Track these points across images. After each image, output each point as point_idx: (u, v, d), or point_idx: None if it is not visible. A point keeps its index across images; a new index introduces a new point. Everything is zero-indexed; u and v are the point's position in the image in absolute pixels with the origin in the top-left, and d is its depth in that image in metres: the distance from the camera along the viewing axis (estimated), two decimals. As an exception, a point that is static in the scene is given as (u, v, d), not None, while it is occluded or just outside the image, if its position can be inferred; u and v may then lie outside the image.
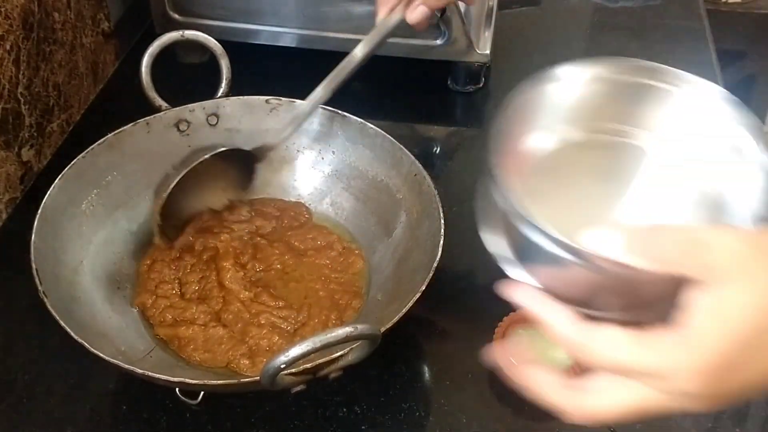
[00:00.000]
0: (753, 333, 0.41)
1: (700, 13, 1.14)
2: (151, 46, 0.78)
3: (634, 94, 0.55)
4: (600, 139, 0.55)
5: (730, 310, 0.41)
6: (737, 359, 0.41)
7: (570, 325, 0.44)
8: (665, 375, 0.42)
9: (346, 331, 0.54)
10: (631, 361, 0.42)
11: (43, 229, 0.67)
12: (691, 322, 0.42)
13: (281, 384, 0.56)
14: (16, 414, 0.67)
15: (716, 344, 0.41)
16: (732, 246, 0.41)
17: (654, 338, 0.42)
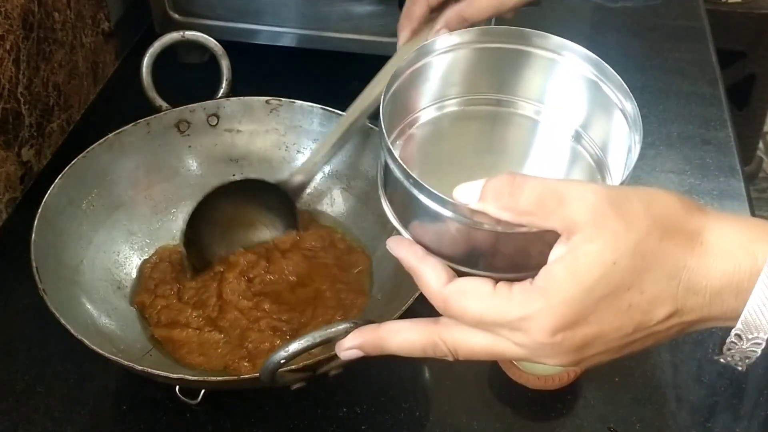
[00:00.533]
0: (602, 285, 0.42)
1: (700, 13, 1.14)
2: (152, 46, 0.78)
3: (513, 62, 0.54)
4: (484, 110, 0.56)
5: (581, 262, 0.42)
6: (586, 310, 0.43)
7: (436, 280, 0.46)
8: (517, 326, 0.44)
9: (345, 327, 0.54)
10: (484, 313, 0.44)
11: (43, 229, 0.67)
12: (544, 274, 0.43)
13: (281, 380, 0.56)
14: (16, 414, 0.67)
15: (566, 295, 0.42)
16: (587, 199, 0.43)
17: (509, 291, 0.44)
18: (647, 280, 0.43)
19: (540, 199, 0.43)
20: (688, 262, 0.43)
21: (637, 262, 0.42)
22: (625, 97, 0.52)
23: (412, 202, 0.47)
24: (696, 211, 0.44)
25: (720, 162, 0.90)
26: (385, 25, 0.94)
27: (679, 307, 0.43)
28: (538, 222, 0.43)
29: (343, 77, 0.99)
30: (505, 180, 0.44)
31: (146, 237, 0.77)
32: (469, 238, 0.46)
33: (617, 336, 0.44)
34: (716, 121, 0.96)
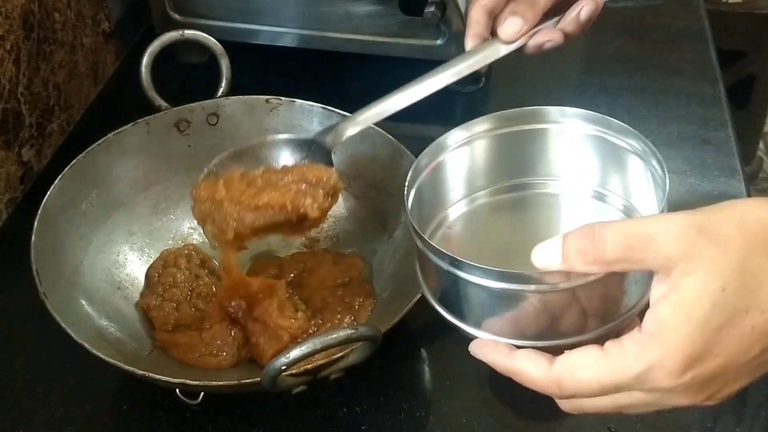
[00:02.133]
0: (717, 314, 0.41)
1: (700, 13, 1.14)
2: (151, 45, 0.78)
3: (523, 143, 0.57)
4: (508, 198, 0.58)
5: (687, 297, 0.41)
6: (708, 343, 0.41)
7: (537, 368, 0.45)
8: (643, 379, 0.42)
9: (346, 333, 0.54)
10: (606, 384, 0.43)
11: (43, 230, 0.67)
12: (652, 318, 0.42)
13: (282, 385, 0.56)
14: (16, 414, 0.67)
15: (682, 334, 0.41)
16: (673, 232, 0.42)
17: (621, 347, 0.43)
18: (763, 298, 0.41)
19: (626, 244, 0.42)
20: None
21: (747, 282, 0.41)
22: (632, 137, 0.53)
23: (480, 292, 0.47)
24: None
25: (720, 162, 0.90)
26: (385, 25, 0.94)
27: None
28: (631, 267, 0.43)
29: (343, 77, 0.99)
30: (584, 233, 0.43)
31: (146, 237, 0.77)
32: (548, 306, 0.46)
33: (747, 360, 0.43)
34: (716, 121, 0.96)
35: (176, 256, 0.74)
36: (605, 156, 0.55)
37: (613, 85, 1.02)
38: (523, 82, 1.02)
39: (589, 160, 0.56)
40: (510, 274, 0.45)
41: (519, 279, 0.45)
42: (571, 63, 1.07)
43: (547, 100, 0.94)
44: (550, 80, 1.03)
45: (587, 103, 1.03)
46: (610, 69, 1.04)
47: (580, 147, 0.56)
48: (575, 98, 1.01)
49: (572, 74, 1.05)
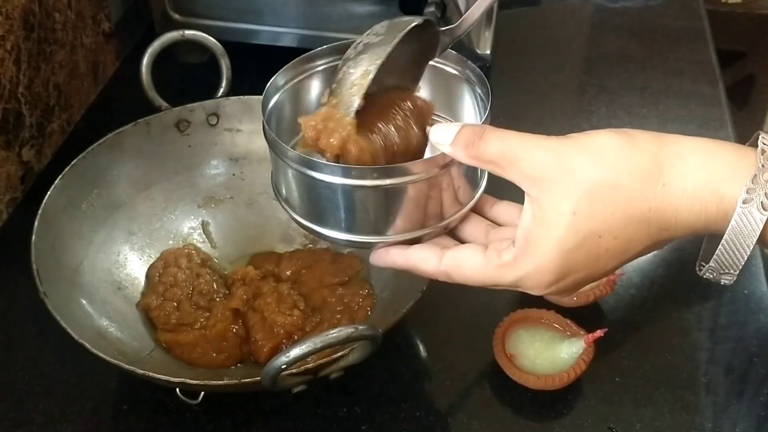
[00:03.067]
0: (571, 235, 0.46)
1: (700, 13, 1.14)
2: (151, 45, 0.78)
3: None
4: None
5: (546, 215, 0.47)
6: (568, 261, 0.47)
7: (429, 262, 0.51)
8: (516, 285, 0.49)
9: (346, 332, 0.54)
10: (485, 280, 0.50)
11: (44, 229, 0.67)
12: (521, 234, 0.48)
13: (282, 384, 0.56)
14: (16, 414, 0.67)
15: (546, 250, 0.47)
16: (537, 155, 0.47)
17: (499, 257, 0.49)
18: (615, 226, 0.46)
19: (500, 151, 0.47)
20: (652, 205, 0.46)
21: (596, 209, 0.46)
22: (461, 65, 0.59)
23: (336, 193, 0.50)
24: (652, 146, 0.47)
25: (720, 162, 0.90)
26: (385, 25, 0.94)
27: (654, 241, 0.47)
28: (499, 171, 0.48)
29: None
30: (476, 130, 0.49)
31: (146, 237, 0.77)
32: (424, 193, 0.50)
33: (606, 271, 0.49)
34: (716, 121, 0.96)
35: (177, 256, 0.75)
36: (438, 83, 0.59)
37: (613, 85, 1.02)
38: (523, 81, 1.03)
39: (423, 86, 0.59)
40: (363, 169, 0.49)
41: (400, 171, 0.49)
42: (571, 63, 1.07)
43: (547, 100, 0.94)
44: (550, 80, 1.03)
45: (587, 103, 1.03)
46: (610, 69, 1.04)
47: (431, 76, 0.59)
48: (575, 98, 1.01)
49: (572, 74, 1.05)
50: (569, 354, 0.67)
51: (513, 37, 1.08)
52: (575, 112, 0.99)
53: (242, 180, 0.80)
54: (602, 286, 0.72)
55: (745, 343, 0.72)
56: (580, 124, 0.95)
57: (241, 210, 0.80)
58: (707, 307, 0.75)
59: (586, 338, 0.66)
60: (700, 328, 0.73)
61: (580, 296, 0.71)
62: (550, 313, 0.70)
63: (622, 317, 0.74)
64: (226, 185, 0.81)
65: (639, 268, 0.78)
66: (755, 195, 0.44)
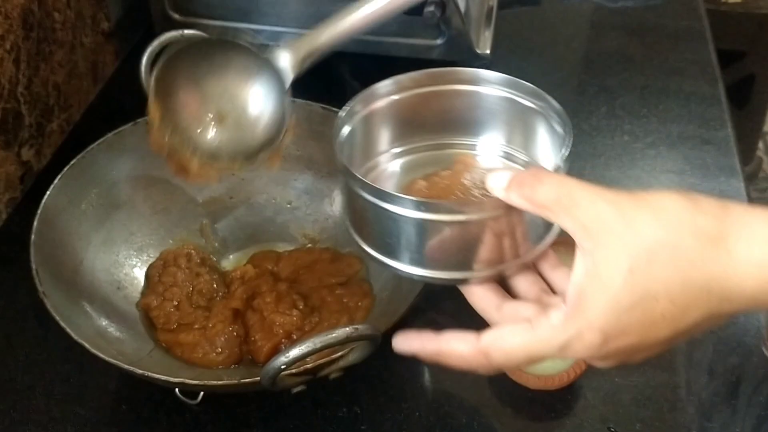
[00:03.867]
0: (626, 293, 0.44)
1: (700, 13, 1.14)
2: (151, 45, 0.78)
3: (442, 102, 0.60)
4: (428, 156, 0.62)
5: (601, 269, 0.44)
6: (620, 321, 0.44)
7: (465, 343, 0.48)
8: (564, 350, 0.46)
9: (346, 332, 0.54)
10: (532, 355, 0.47)
11: (43, 229, 0.67)
12: (572, 290, 0.45)
13: (281, 384, 0.56)
14: (16, 414, 0.67)
15: (598, 309, 0.44)
16: (596, 205, 0.44)
17: (546, 321, 0.46)
18: (674, 289, 0.43)
19: (557, 196, 0.45)
20: (714, 272, 0.43)
21: (654, 269, 0.43)
22: (539, 98, 0.57)
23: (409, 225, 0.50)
24: (717, 211, 0.44)
25: (720, 162, 0.90)
26: (385, 25, 0.94)
27: (714, 312, 0.44)
28: (552, 217, 0.46)
29: (343, 77, 0.99)
30: (531, 172, 0.47)
31: (146, 237, 0.76)
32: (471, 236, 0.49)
33: (658, 341, 0.45)
34: (716, 121, 0.96)
35: (176, 256, 0.74)
36: (514, 116, 0.59)
37: (613, 85, 1.02)
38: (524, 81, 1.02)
39: (500, 120, 0.60)
40: (448, 205, 0.50)
41: (455, 209, 0.49)
42: (571, 63, 1.07)
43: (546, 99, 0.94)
44: (550, 80, 1.03)
45: (587, 103, 1.03)
46: (610, 69, 1.04)
47: (494, 108, 0.59)
48: (575, 98, 1.01)
49: (572, 74, 1.05)
50: (569, 354, 0.67)
51: (513, 36, 1.08)
52: (575, 111, 0.99)
53: (242, 180, 0.80)
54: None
55: (745, 342, 0.72)
56: (579, 124, 0.95)
57: (241, 210, 0.80)
58: (707, 307, 0.75)
59: (586, 338, 0.66)
60: (700, 328, 0.73)
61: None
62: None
63: (622, 317, 0.74)
64: (225, 185, 0.80)
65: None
66: None
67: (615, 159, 0.91)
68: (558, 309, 0.46)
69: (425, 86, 0.60)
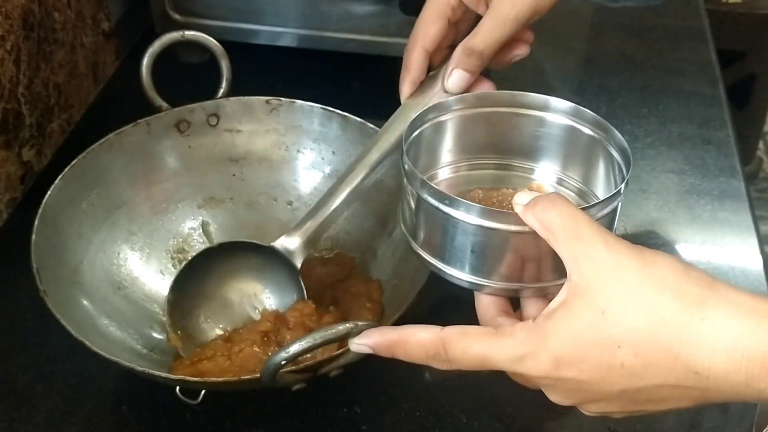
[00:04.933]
0: (590, 331, 0.44)
1: (700, 13, 1.14)
2: (152, 46, 0.78)
3: (505, 124, 0.62)
4: (487, 174, 0.64)
5: (575, 303, 0.45)
6: (575, 356, 0.45)
7: (424, 333, 0.49)
8: (517, 362, 0.47)
9: (347, 328, 0.54)
10: (486, 360, 0.48)
11: (44, 229, 0.67)
12: (545, 313, 0.46)
13: (282, 381, 0.56)
14: (16, 414, 0.67)
15: (558, 336, 0.45)
16: (595, 244, 0.45)
17: (510, 331, 0.47)
18: (640, 342, 0.43)
19: (563, 223, 0.46)
20: (684, 336, 0.42)
21: (627, 317, 0.43)
22: (602, 128, 0.59)
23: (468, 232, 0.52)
24: (704, 282, 0.44)
25: (720, 162, 0.90)
26: (385, 25, 0.94)
27: (681, 383, 0.43)
28: (552, 241, 0.47)
29: (343, 77, 0.99)
30: (548, 196, 0.48)
31: (146, 237, 0.77)
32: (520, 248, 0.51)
33: (612, 390, 0.45)
34: (716, 121, 0.96)
35: None
36: (575, 144, 0.61)
37: (613, 85, 1.02)
38: (524, 81, 1.02)
39: (560, 147, 0.62)
40: (494, 212, 0.51)
41: (503, 217, 0.50)
42: (571, 63, 1.07)
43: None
44: (550, 80, 1.03)
45: (587, 103, 1.03)
46: (610, 69, 1.04)
47: (556, 135, 0.61)
48: (575, 98, 1.00)
49: (572, 74, 1.05)
50: (569, 354, 0.67)
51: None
52: (575, 112, 0.99)
53: (242, 180, 0.81)
54: None
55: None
56: (580, 124, 0.95)
57: (241, 210, 0.80)
58: (707, 306, 0.75)
59: (586, 338, 0.66)
60: (700, 328, 0.73)
61: None
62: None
63: (622, 317, 0.74)
64: (226, 185, 0.81)
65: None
66: None
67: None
68: (525, 325, 0.47)
69: (491, 106, 0.62)
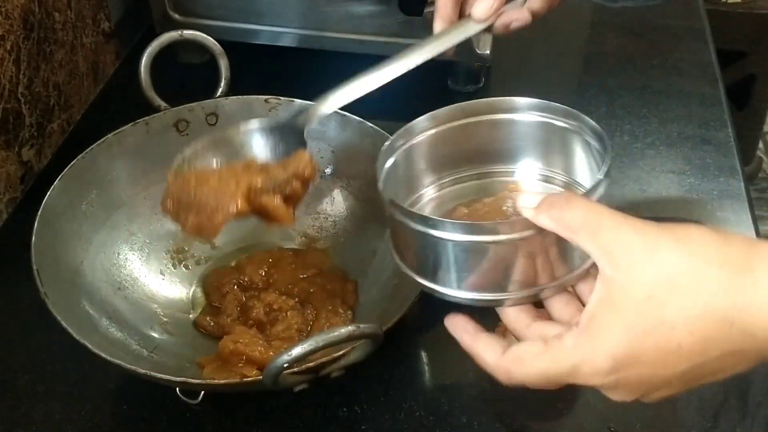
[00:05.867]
0: (641, 320, 0.43)
1: (700, 13, 1.14)
2: (150, 45, 0.78)
3: (482, 133, 0.62)
4: (473, 185, 0.64)
5: (615, 296, 0.44)
6: (632, 348, 0.44)
7: (492, 354, 0.50)
8: (575, 373, 0.46)
9: (348, 330, 0.54)
10: (548, 377, 0.47)
11: (44, 230, 0.67)
12: (585, 314, 0.45)
13: (284, 383, 0.56)
14: (16, 414, 0.67)
15: (609, 333, 0.44)
16: (621, 231, 0.44)
17: (558, 343, 0.46)
18: (692, 319, 0.42)
19: (585, 220, 0.45)
20: (737, 302, 0.42)
21: (675, 298, 0.42)
22: (574, 118, 0.58)
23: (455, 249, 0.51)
24: (741, 244, 0.43)
25: (720, 162, 0.90)
26: (385, 25, 0.94)
27: (737, 348, 0.43)
28: (577, 240, 0.46)
29: (342, 77, 0.99)
30: (563, 195, 0.47)
31: (146, 237, 0.77)
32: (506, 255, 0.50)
33: (674, 374, 0.44)
34: (716, 121, 0.96)
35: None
36: (550, 139, 0.60)
37: (613, 85, 1.02)
38: (524, 81, 1.03)
39: (536, 145, 0.61)
40: (480, 225, 0.50)
41: (488, 230, 0.50)
42: (571, 63, 1.07)
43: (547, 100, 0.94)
44: (550, 80, 1.03)
45: (587, 103, 1.03)
46: (610, 69, 1.04)
47: (530, 133, 0.61)
48: (575, 98, 1.01)
49: (572, 74, 1.05)
50: (569, 354, 0.67)
51: (513, 37, 1.08)
52: (575, 112, 0.99)
53: (242, 180, 0.80)
54: None
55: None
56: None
57: (241, 210, 0.80)
58: (707, 306, 0.75)
59: (587, 338, 0.66)
60: (700, 328, 0.73)
61: None
62: (550, 313, 0.70)
63: (622, 317, 0.74)
64: (225, 185, 0.80)
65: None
66: None
67: (615, 159, 0.91)
68: (571, 332, 0.46)
69: (461, 119, 0.61)
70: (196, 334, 0.72)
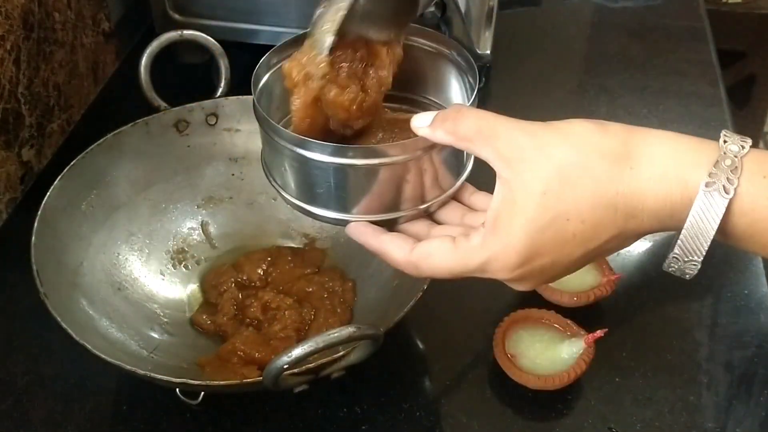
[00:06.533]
0: (540, 215, 0.47)
1: (700, 13, 1.14)
2: (150, 45, 0.78)
3: None
4: None
5: (516, 195, 0.47)
6: (535, 243, 0.47)
7: (400, 251, 0.51)
8: (483, 269, 0.49)
9: (348, 331, 0.54)
10: (454, 272, 0.50)
11: (43, 230, 0.67)
12: (490, 214, 0.48)
13: (284, 384, 0.56)
14: (16, 414, 0.67)
15: (513, 232, 0.47)
16: (511, 135, 0.47)
17: (466, 242, 0.49)
18: (583, 208, 0.46)
19: (478, 128, 0.48)
20: (620, 189, 0.46)
21: (566, 190, 0.46)
22: (452, 48, 0.59)
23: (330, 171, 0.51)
24: (623, 134, 0.47)
25: (720, 162, 0.90)
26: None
27: (622, 230, 0.47)
28: (474, 149, 0.49)
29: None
30: (454, 108, 0.50)
31: (146, 238, 0.77)
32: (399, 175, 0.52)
33: (571, 260, 0.49)
34: (716, 121, 0.96)
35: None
36: (427, 66, 0.60)
37: (613, 85, 1.02)
38: (523, 81, 1.03)
39: (415, 71, 0.61)
40: (374, 149, 0.51)
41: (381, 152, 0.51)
42: (571, 63, 1.07)
43: (547, 99, 0.94)
44: (550, 80, 1.03)
45: (587, 103, 1.03)
46: (610, 69, 1.04)
47: (410, 60, 0.59)
48: (575, 98, 1.01)
49: (572, 74, 1.05)
50: (569, 354, 0.67)
51: (513, 37, 1.08)
52: (575, 112, 0.98)
53: (242, 180, 0.81)
54: (602, 287, 0.72)
55: (745, 343, 0.72)
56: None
57: (241, 210, 0.80)
58: (707, 307, 0.75)
59: (587, 338, 0.66)
60: (700, 329, 0.73)
61: (581, 296, 0.71)
62: (550, 313, 0.70)
63: (622, 317, 0.74)
64: (225, 185, 0.81)
65: (639, 267, 0.78)
66: (717, 179, 0.45)
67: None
68: (478, 232, 0.49)
69: None
70: (196, 335, 0.72)
